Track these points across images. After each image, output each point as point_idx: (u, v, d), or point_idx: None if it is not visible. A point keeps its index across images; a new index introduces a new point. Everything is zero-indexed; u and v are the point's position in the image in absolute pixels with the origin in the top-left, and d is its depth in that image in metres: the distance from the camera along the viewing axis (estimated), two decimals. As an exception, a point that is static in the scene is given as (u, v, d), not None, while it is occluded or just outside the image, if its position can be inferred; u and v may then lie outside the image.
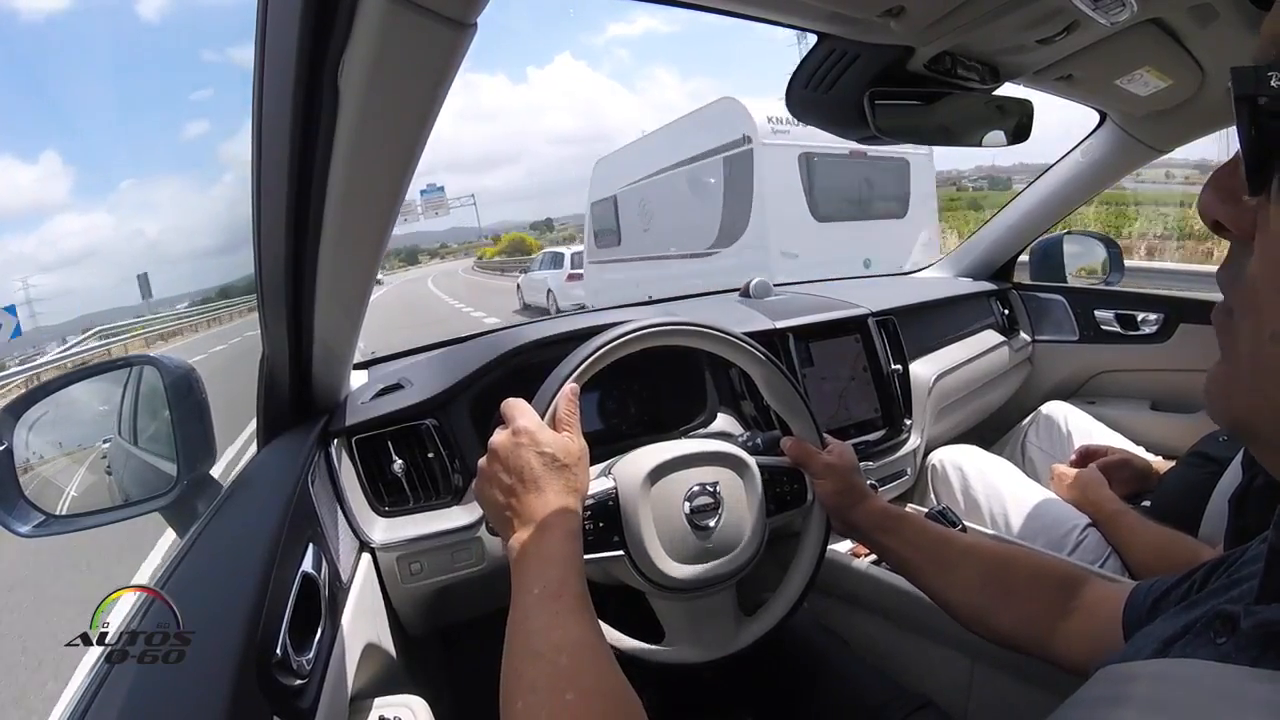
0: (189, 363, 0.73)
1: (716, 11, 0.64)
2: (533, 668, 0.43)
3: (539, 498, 0.53)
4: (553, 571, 0.49)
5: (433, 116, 0.42)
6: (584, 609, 0.47)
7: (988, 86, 0.82)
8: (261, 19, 0.41)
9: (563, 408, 0.59)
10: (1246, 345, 0.26)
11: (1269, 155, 0.24)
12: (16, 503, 0.62)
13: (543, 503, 0.53)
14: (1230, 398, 0.27)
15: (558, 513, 0.52)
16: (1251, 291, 0.25)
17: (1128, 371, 1.52)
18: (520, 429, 0.56)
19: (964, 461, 1.19)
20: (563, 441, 0.56)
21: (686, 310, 1.34)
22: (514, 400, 0.59)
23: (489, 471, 0.56)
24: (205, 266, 71.02)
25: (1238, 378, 0.27)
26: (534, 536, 0.51)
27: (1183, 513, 0.94)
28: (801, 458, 0.71)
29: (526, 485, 0.53)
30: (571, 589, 0.48)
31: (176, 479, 0.68)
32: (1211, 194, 0.27)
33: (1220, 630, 0.30)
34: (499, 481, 0.55)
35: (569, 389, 0.60)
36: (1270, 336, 0.24)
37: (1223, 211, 0.27)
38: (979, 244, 1.64)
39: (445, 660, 1.04)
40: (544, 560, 0.49)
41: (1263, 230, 0.25)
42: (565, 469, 0.55)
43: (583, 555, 0.52)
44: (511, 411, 0.58)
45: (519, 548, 0.51)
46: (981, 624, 0.60)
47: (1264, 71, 0.23)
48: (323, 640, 0.53)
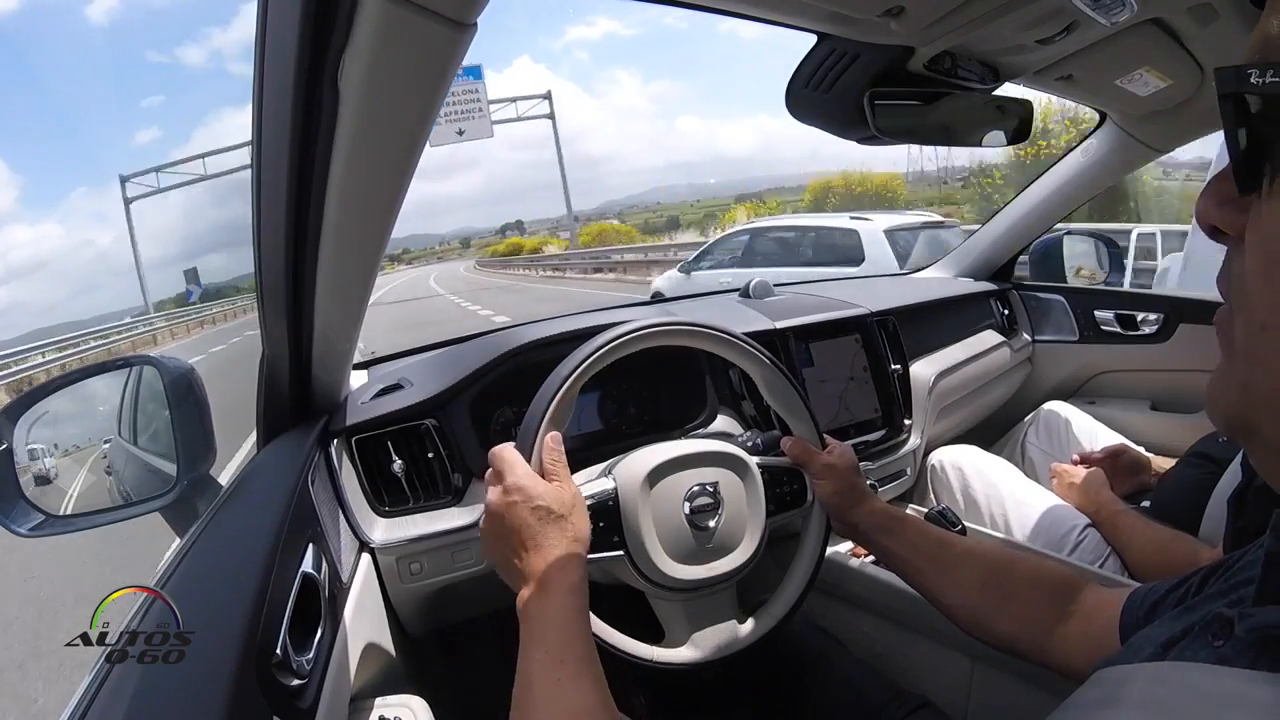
0: (189, 363, 0.73)
1: (717, 11, 0.64)
2: None
3: (538, 554, 0.53)
4: (554, 634, 0.49)
5: (433, 116, 0.42)
6: (585, 672, 0.47)
7: (988, 86, 0.82)
8: (261, 19, 0.41)
9: (547, 459, 0.59)
10: (1240, 339, 0.26)
11: (1257, 154, 0.24)
12: (16, 503, 0.62)
13: (542, 559, 0.52)
14: (1226, 393, 0.27)
15: (557, 569, 0.52)
16: (1242, 285, 0.26)
17: (1128, 371, 1.52)
18: (511, 486, 0.55)
19: (964, 462, 1.19)
20: (555, 491, 0.56)
21: (686, 310, 1.34)
22: (500, 451, 0.58)
23: (489, 530, 0.56)
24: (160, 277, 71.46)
25: (1233, 373, 0.27)
26: (536, 596, 0.51)
27: (1182, 513, 0.95)
28: (801, 458, 0.71)
29: (525, 543, 0.53)
30: (574, 652, 0.48)
31: (176, 479, 0.68)
32: (1208, 200, 0.27)
33: (1218, 633, 0.30)
34: (499, 541, 0.55)
35: (549, 439, 0.60)
36: (1260, 327, 0.25)
37: (1219, 216, 0.27)
38: (979, 244, 1.64)
39: (445, 660, 1.04)
40: (545, 622, 0.50)
41: (1253, 227, 0.25)
42: (561, 519, 0.54)
43: (587, 610, 0.52)
44: (499, 466, 0.57)
45: (523, 607, 0.51)
46: (979, 627, 0.60)
47: (1245, 70, 0.23)
48: (323, 640, 0.53)
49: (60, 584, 2.68)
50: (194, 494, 0.68)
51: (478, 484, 0.84)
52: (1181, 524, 0.93)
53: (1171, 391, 1.46)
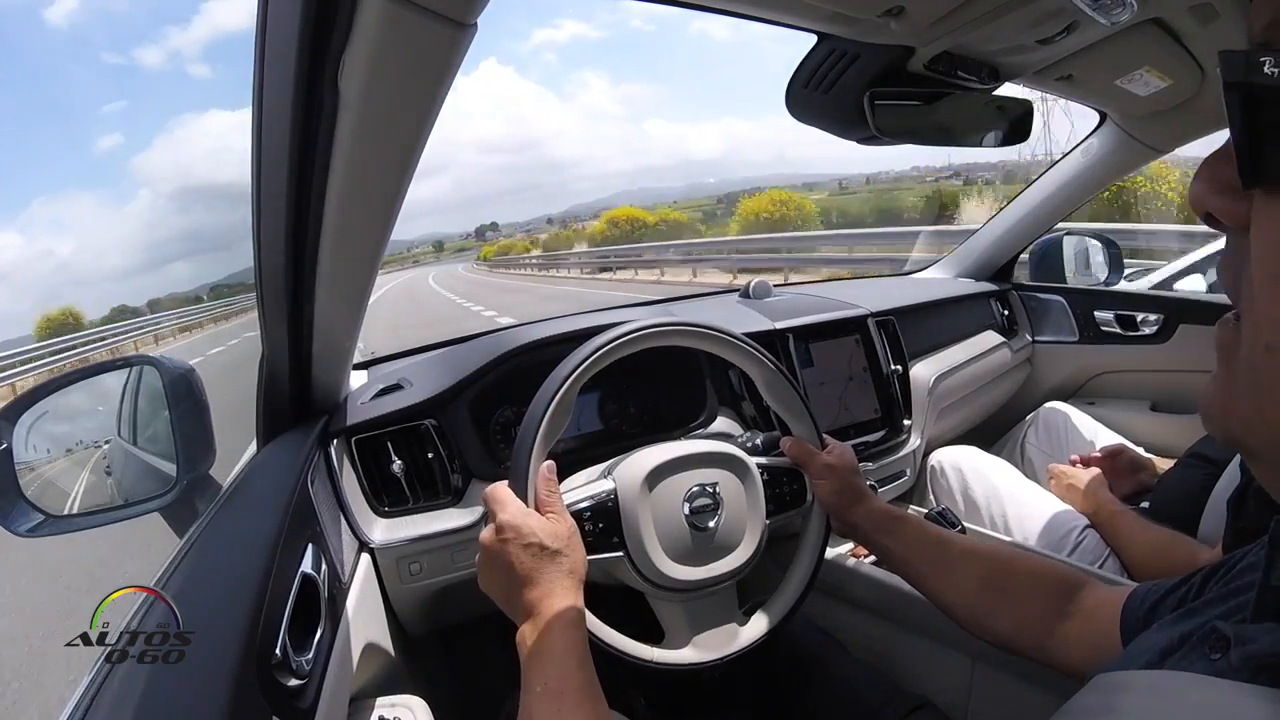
0: (189, 363, 0.73)
1: (717, 11, 0.64)
2: None
3: (532, 591, 0.53)
4: (552, 668, 0.49)
5: (433, 116, 0.42)
6: (585, 703, 0.47)
7: (988, 86, 0.82)
8: (261, 19, 0.41)
9: (541, 489, 0.59)
10: (1245, 356, 0.24)
11: (1262, 145, 0.22)
12: (16, 503, 0.62)
13: (537, 596, 0.53)
14: (1227, 413, 0.26)
15: (553, 603, 0.52)
16: (1250, 297, 0.24)
17: (1127, 372, 1.52)
18: (503, 524, 0.55)
19: (963, 462, 1.19)
20: (549, 526, 0.56)
21: (686, 310, 1.34)
22: (493, 490, 0.59)
23: (485, 567, 0.57)
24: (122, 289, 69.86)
25: (1235, 392, 0.25)
26: (532, 632, 0.51)
27: (1181, 513, 0.95)
28: (801, 458, 0.71)
29: (520, 581, 0.54)
30: (573, 683, 0.48)
31: (176, 479, 0.68)
32: (1203, 185, 0.26)
33: (1215, 647, 0.30)
34: (496, 579, 0.56)
35: (543, 469, 0.60)
36: (1266, 348, 0.23)
37: (1215, 203, 0.25)
38: (979, 244, 1.64)
39: (445, 660, 1.04)
40: (544, 657, 0.50)
41: (1258, 230, 0.23)
42: (555, 555, 0.55)
43: (585, 642, 0.52)
44: (492, 506, 0.58)
45: (521, 643, 0.52)
46: (979, 626, 0.60)
47: (1255, 56, 0.22)
48: (322, 640, 0.53)
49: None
50: (194, 494, 0.68)
51: (477, 484, 0.84)
52: (1181, 525, 0.93)
53: (1171, 392, 1.46)
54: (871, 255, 8.15)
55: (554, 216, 42.39)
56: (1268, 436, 0.24)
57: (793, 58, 0.76)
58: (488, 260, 36.00)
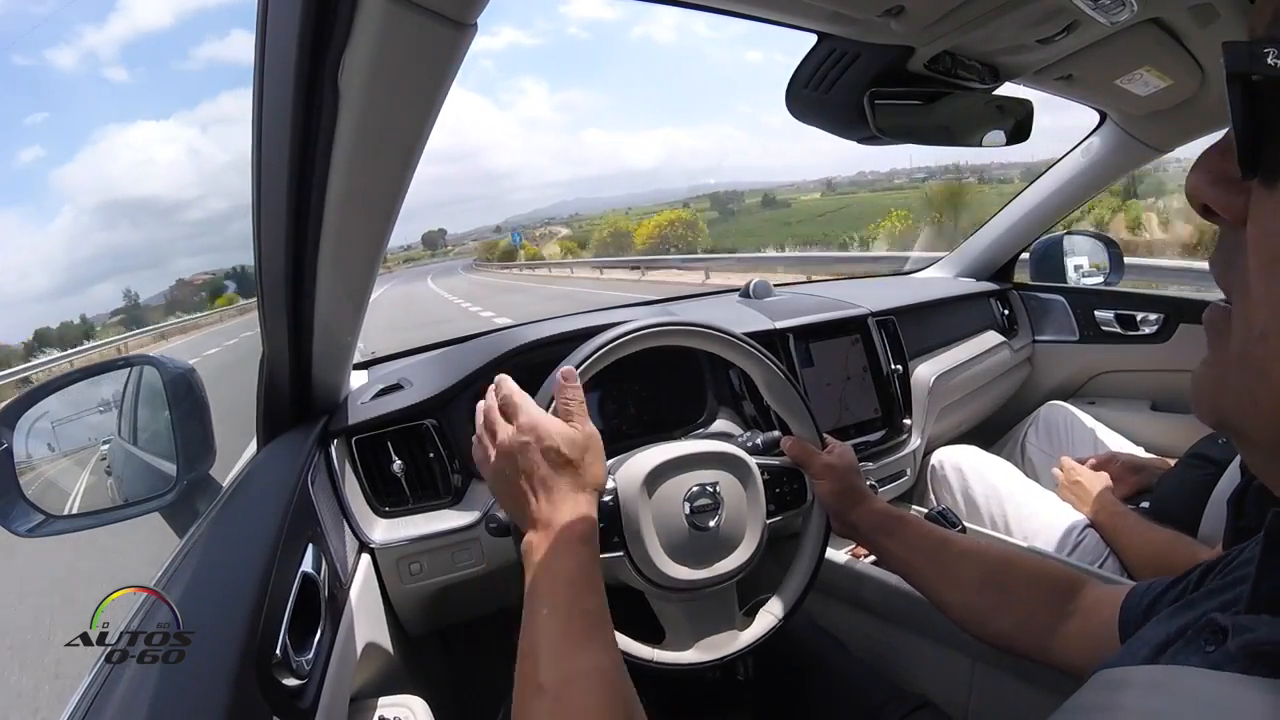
0: (189, 363, 0.73)
1: (717, 11, 0.64)
2: (537, 705, 0.41)
3: (548, 501, 0.51)
4: (562, 590, 0.46)
5: (433, 116, 0.42)
6: (594, 629, 0.45)
7: (988, 86, 0.82)
8: (261, 19, 0.41)
9: (561, 395, 0.56)
10: (1237, 342, 0.25)
11: (1262, 136, 0.22)
12: (16, 503, 0.62)
13: (552, 507, 0.51)
14: (1217, 397, 0.26)
15: (567, 515, 0.50)
16: (1244, 285, 0.24)
17: (1128, 372, 1.52)
18: (525, 425, 0.53)
19: (964, 462, 1.19)
20: (568, 433, 0.53)
21: (686, 310, 1.34)
22: (511, 387, 0.56)
23: (498, 470, 0.54)
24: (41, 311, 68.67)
25: (1226, 377, 0.26)
26: (542, 544, 0.49)
27: (1182, 514, 0.95)
28: (801, 458, 0.71)
29: (536, 487, 0.51)
30: (582, 607, 0.45)
31: (176, 479, 0.68)
32: (1201, 176, 0.25)
33: (1210, 638, 0.30)
34: (509, 483, 0.53)
35: (563, 374, 0.57)
36: (1259, 334, 0.23)
37: (1212, 195, 0.25)
38: (979, 244, 1.64)
39: (445, 660, 1.04)
40: (553, 577, 0.47)
41: (1255, 219, 0.23)
42: (571, 465, 0.52)
43: (597, 561, 0.50)
44: (510, 404, 0.55)
45: (527, 554, 0.50)
46: (980, 626, 0.60)
47: (1259, 48, 0.22)
48: (323, 640, 0.53)
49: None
50: (194, 494, 0.68)
51: (478, 484, 0.84)
52: (1181, 525, 0.93)
53: (1171, 391, 1.46)
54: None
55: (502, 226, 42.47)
56: (1257, 419, 0.25)
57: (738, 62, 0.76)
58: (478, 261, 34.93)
